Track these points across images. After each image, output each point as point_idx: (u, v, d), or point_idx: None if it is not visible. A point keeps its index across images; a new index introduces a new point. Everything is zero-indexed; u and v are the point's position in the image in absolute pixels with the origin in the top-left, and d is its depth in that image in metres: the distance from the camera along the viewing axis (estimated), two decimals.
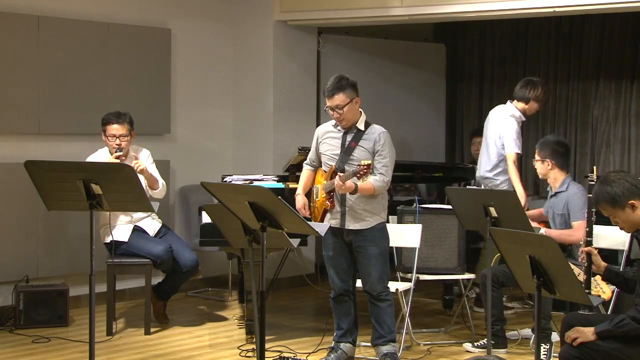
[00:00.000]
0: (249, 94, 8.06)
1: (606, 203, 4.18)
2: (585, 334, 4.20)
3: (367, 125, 5.46)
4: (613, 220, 4.26)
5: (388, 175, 5.39)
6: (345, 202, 5.42)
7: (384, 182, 5.37)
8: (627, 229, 4.27)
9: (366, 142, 5.39)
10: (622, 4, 6.41)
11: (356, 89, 5.42)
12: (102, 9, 7.20)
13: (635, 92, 8.17)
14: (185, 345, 6.13)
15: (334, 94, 5.35)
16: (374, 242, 5.44)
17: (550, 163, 6.02)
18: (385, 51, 8.79)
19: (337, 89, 5.35)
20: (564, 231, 5.90)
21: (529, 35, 8.86)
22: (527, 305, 7.20)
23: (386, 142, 5.40)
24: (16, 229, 6.71)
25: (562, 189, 5.99)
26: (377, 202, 5.44)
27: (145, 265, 6.37)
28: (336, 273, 5.58)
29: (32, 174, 4.51)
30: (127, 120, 6.39)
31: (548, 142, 6.14)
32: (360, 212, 5.41)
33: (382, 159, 5.37)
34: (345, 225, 5.44)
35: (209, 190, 4.67)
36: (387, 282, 5.55)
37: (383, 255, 5.49)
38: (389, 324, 5.53)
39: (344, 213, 5.44)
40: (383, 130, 5.45)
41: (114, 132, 6.34)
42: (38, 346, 6.02)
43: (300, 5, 7.73)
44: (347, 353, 5.64)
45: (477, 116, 9.28)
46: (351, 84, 5.40)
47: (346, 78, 5.40)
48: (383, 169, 5.36)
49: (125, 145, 6.36)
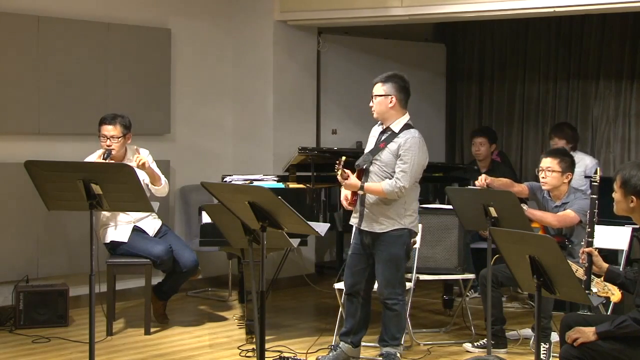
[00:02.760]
0: (249, 94, 8.06)
1: (630, 187, 4.16)
2: (586, 334, 4.20)
3: (406, 128, 5.37)
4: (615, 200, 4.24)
5: (403, 181, 5.24)
6: (365, 203, 5.40)
7: (397, 187, 5.24)
8: (619, 211, 4.27)
9: (393, 145, 5.32)
10: (622, 4, 6.40)
11: (401, 90, 5.37)
12: (102, 9, 7.20)
13: (635, 92, 8.17)
14: (185, 345, 6.13)
15: (376, 82, 5.40)
16: (386, 247, 5.36)
17: (570, 175, 5.89)
18: (385, 51, 8.78)
19: (381, 79, 5.39)
20: (547, 213, 5.88)
21: (529, 35, 8.86)
22: (527, 305, 7.21)
23: (411, 148, 5.28)
24: (16, 229, 6.71)
25: (569, 199, 5.89)
26: (397, 206, 5.33)
27: (145, 265, 6.37)
28: (350, 272, 5.55)
29: (32, 174, 4.50)
30: (121, 122, 6.34)
31: (566, 153, 6.00)
32: (377, 215, 5.36)
33: (402, 163, 5.27)
34: (362, 226, 5.42)
35: (209, 190, 4.68)
36: (398, 289, 5.43)
37: (394, 261, 5.38)
38: (393, 332, 5.48)
39: (363, 214, 5.42)
40: (414, 135, 5.33)
41: (106, 132, 6.33)
42: (38, 346, 6.02)
43: (300, 5, 7.73)
44: (345, 353, 5.62)
45: (477, 116, 9.30)
46: (397, 83, 5.37)
47: (399, 76, 5.40)
48: (400, 174, 5.26)
49: (117, 147, 6.32)
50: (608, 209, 4.58)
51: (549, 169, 5.87)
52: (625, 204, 4.20)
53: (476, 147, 7.86)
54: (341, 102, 8.47)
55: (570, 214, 5.78)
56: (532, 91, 8.85)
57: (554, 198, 5.96)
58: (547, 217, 5.86)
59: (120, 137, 6.34)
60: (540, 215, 5.88)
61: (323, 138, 8.33)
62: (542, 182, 5.92)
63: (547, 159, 5.90)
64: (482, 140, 7.86)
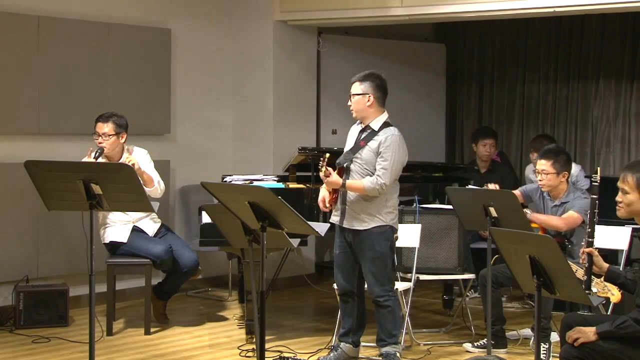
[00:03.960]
0: (249, 94, 8.06)
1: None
2: (586, 334, 4.20)
3: (385, 126, 5.39)
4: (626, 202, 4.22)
5: (384, 178, 5.26)
6: (346, 201, 5.41)
7: (378, 184, 5.26)
8: (631, 213, 4.25)
9: (374, 142, 5.34)
10: (622, 4, 6.40)
11: (378, 89, 5.38)
12: (102, 9, 7.20)
13: (635, 92, 8.17)
14: (185, 345, 6.13)
15: (354, 81, 5.42)
16: (370, 245, 5.37)
17: (567, 174, 5.88)
18: (385, 51, 8.78)
19: (358, 78, 5.41)
20: (552, 217, 5.87)
21: (529, 35, 8.86)
22: (527, 305, 7.21)
23: (392, 145, 5.30)
24: (16, 229, 6.71)
25: (569, 198, 5.89)
26: (378, 203, 5.35)
27: (145, 265, 6.37)
28: (340, 272, 5.56)
29: (32, 174, 4.50)
30: (115, 121, 6.32)
31: (559, 151, 5.99)
32: (359, 213, 5.37)
33: (383, 161, 5.30)
34: (344, 223, 5.43)
35: (209, 190, 4.68)
36: (387, 285, 5.45)
37: (381, 259, 5.39)
38: (390, 329, 5.48)
39: (344, 211, 5.43)
40: (393, 133, 5.36)
41: (98, 129, 6.33)
42: (38, 346, 6.02)
43: (300, 5, 7.73)
44: (347, 353, 5.63)
45: (477, 116, 9.29)
46: (373, 81, 5.38)
47: (375, 75, 5.41)
48: (381, 171, 5.28)
49: (108, 145, 6.30)
50: (608, 209, 4.57)
51: (544, 171, 5.86)
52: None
53: (487, 149, 7.83)
54: (341, 102, 8.37)
55: (574, 215, 5.76)
56: (532, 91, 8.85)
57: (553, 197, 5.96)
58: (553, 220, 5.83)
59: (113, 135, 6.31)
60: (546, 219, 5.85)
61: (323, 138, 8.33)
62: (540, 184, 5.92)
63: (542, 161, 5.89)
64: (492, 141, 7.87)
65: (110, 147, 6.31)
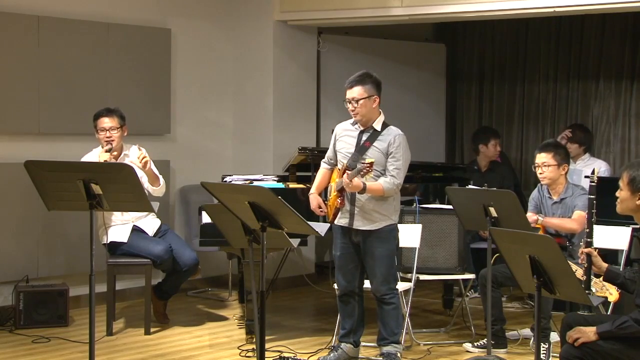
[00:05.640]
0: (249, 94, 8.06)
1: (637, 185, 4.16)
2: (587, 334, 4.20)
3: (385, 126, 5.43)
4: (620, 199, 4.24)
5: (399, 178, 5.34)
6: (356, 202, 5.40)
7: (394, 184, 5.32)
8: (624, 210, 4.27)
9: (381, 143, 5.36)
10: (622, 4, 6.40)
11: (378, 88, 5.41)
12: (102, 9, 7.20)
13: (635, 92, 8.17)
14: (185, 345, 6.13)
15: (353, 85, 5.38)
16: (381, 244, 5.40)
17: (566, 167, 5.91)
18: (385, 51, 8.78)
19: (358, 81, 5.38)
20: (565, 219, 5.87)
21: (529, 35, 8.86)
22: (527, 305, 7.21)
23: (401, 145, 5.35)
24: (16, 229, 6.71)
25: (568, 194, 5.91)
26: (388, 203, 5.40)
27: (145, 265, 6.37)
28: (342, 273, 5.56)
29: (32, 174, 4.50)
30: (118, 114, 6.39)
31: (558, 145, 6.02)
32: (370, 213, 5.38)
33: (395, 161, 5.33)
34: (354, 225, 5.43)
35: (209, 190, 4.67)
36: (393, 284, 5.50)
37: (389, 257, 5.45)
38: (393, 327, 5.51)
39: (353, 213, 5.42)
40: (399, 133, 5.40)
41: (104, 125, 6.35)
42: (38, 346, 6.02)
43: (300, 5, 7.73)
44: (347, 353, 5.63)
45: (477, 116, 9.29)
46: (374, 81, 5.40)
47: (371, 74, 5.41)
48: (395, 172, 5.32)
49: (116, 139, 6.34)
50: (608, 209, 4.58)
51: (544, 164, 5.89)
52: (632, 202, 4.19)
53: (497, 148, 7.87)
54: (341, 102, 8.40)
55: (583, 213, 5.75)
56: (532, 91, 8.85)
57: (552, 194, 5.97)
58: (567, 223, 5.83)
59: (118, 129, 6.35)
60: (560, 223, 5.84)
61: (323, 138, 8.32)
62: (541, 177, 5.94)
63: (542, 154, 5.92)
64: (499, 140, 7.91)
65: (118, 141, 6.35)
